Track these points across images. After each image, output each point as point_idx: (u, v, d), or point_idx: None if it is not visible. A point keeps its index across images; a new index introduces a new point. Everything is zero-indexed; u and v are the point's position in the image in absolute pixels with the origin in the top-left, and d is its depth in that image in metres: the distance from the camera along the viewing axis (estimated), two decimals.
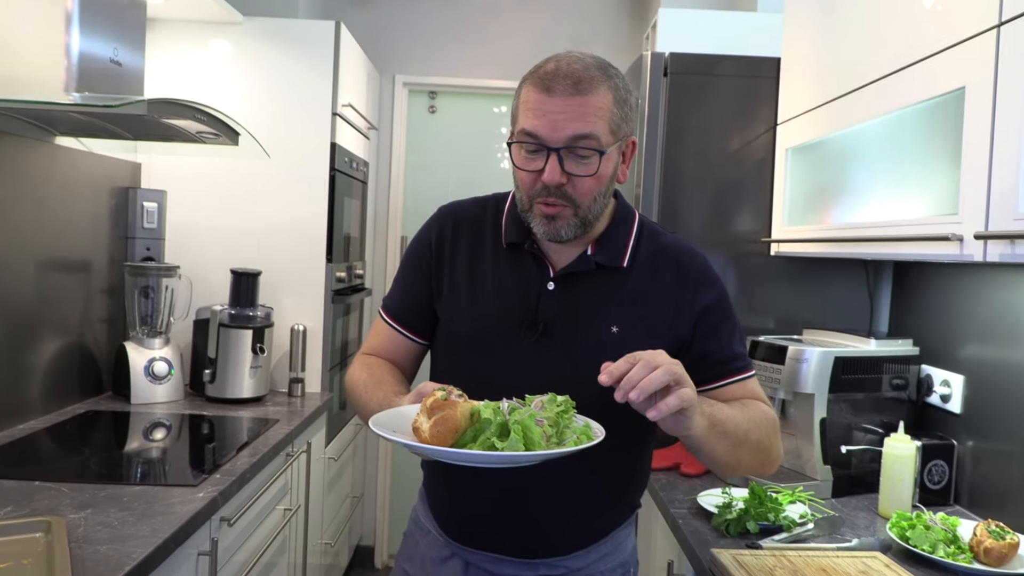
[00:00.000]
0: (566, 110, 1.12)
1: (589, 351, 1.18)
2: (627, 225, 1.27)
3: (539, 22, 3.65)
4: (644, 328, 1.22)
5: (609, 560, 1.32)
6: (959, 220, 1.34)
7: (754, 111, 2.30)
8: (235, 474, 1.78)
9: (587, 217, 1.18)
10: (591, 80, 1.13)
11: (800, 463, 1.96)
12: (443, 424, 0.96)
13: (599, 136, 1.14)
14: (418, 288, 1.32)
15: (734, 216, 2.33)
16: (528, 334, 1.22)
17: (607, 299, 1.23)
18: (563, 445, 0.97)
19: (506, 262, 1.26)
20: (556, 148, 1.13)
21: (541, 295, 1.23)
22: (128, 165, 2.63)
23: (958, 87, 1.36)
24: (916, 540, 1.51)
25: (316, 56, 2.75)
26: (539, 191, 1.16)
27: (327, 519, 2.79)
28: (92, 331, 2.43)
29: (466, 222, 1.31)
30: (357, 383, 1.29)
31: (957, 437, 1.85)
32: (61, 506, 1.51)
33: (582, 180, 1.15)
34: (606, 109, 1.14)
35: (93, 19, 1.86)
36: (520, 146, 1.16)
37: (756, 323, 2.32)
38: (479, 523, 1.28)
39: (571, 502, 1.24)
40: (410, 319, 1.34)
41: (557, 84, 1.12)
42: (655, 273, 1.25)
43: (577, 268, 1.23)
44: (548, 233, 1.18)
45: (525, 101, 1.16)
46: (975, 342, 1.85)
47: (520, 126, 1.16)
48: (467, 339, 1.26)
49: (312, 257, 2.79)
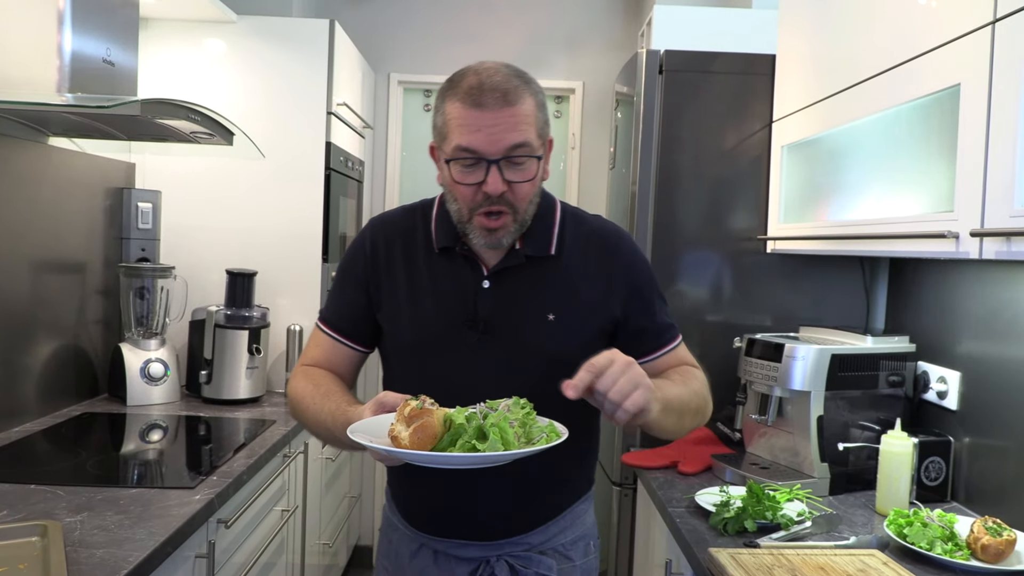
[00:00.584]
0: (499, 122, 1.17)
1: (530, 341, 1.26)
2: (550, 215, 1.33)
3: (533, 19, 3.64)
4: (579, 312, 1.29)
5: (569, 533, 1.39)
6: (955, 217, 1.34)
7: (749, 108, 2.30)
8: (232, 476, 1.77)
9: (524, 220, 1.25)
10: (516, 90, 1.19)
11: (797, 461, 1.97)
12: (423, 431, 1.02)
13: (532, 143, 1.20)
14: (356, 299, 1.36)
15: (730, 214, 2.33)
16: (470, 333, 1.27)
17: (540, 289, 1.29)
18: (533, 443, 1.06)
19: (440, 266, 1.31)
20: (495, 160, 1.18)
21: (478, 294, 1.29)
22: (122, 165, 2.62)
23: (953, 84, 1.36)
24: (914, 537, 1.51)
25: (310, 55, 2.74)
26: (480, 202, 1.21)
27: (325, 519, 2.78)
28: (87, 333, 2.42)
29: (397, 232, 1.36)
30: (304, 395, 1.31)
31: (954, 434, 1.86)
32: (57, 509, 1.50)
33: (520, 186, 1.21)
34: (532, 115, 1.21)
35: (85, 19, 1.85)
36: (457, 163, 1.20)
37: (752, 321, 2.32)
38: (442, 513, 1.35)
39: (527, 486, 1.30)
40: (349, 328, 1.38)
41: (486, 98, 1.17)
42: (584, 257, 1.32)
43: (508, 263, 1.29)
44: (489, 243, 1.24)
45: (454, 118, 1.19)
46: (971, 338, 1.85)
47: (455, 143, 1.19)
48: (413, 344, 1.31)
49: (308, 257, 2.78)
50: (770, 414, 2.00)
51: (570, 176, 3.71)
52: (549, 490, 1.36)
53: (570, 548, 1.39)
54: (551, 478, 1.34)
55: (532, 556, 1.35)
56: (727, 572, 1.36)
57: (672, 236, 2.32)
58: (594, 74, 3.65)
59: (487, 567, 1.34)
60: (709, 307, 2.33)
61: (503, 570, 1.33)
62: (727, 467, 1.99)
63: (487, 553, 1.34)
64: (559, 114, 3.78)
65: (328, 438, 1.29)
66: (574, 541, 1.40)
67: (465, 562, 1.35)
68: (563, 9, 3.64)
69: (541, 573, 1.34)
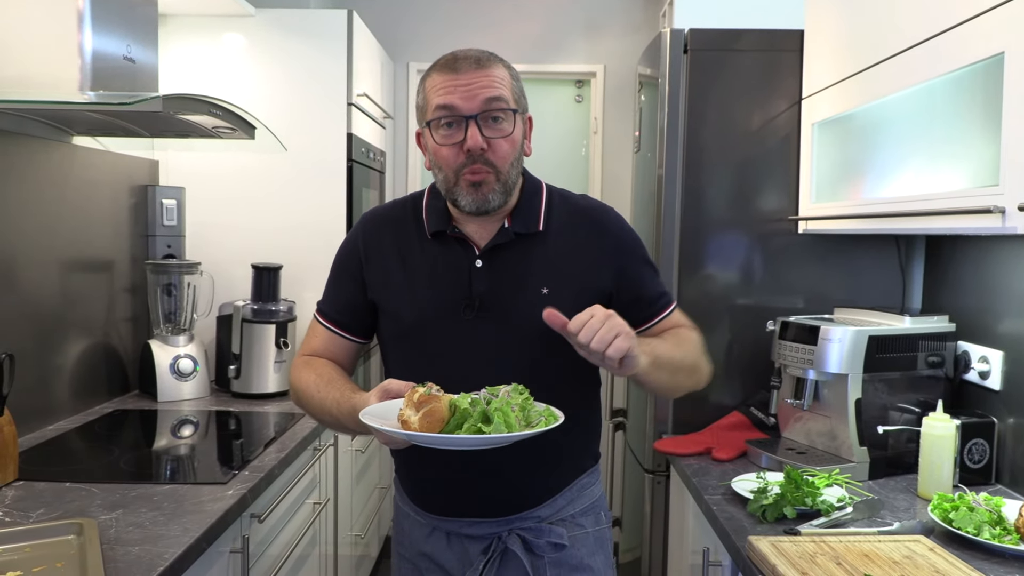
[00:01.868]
0: (474, 81, 1.24)
1: (525, 315, 1.28)
2: (536, 195, 1.38)
3: (552, 4, 3.59)
4: (571, 285, 1.32)
5: (577, 504, 1.42)
6: (1001, 192, 1.29)
7: (777, 86, 2.24)
8: (264, 470, 1.77)
9: (507, 182, 1.29)
10: (488, 59, 1.28)
11: (835, 445, 1.93)
12: (431, 415, 1.09)
13: (507, 99, 1.27)
14: (351, 292, 1.41)
15: (759, 195, 2.28)
16: (467, 312, 1.31)
17: (532, 264, 1.33)
18: (532, 426, 1.14)
19: (433, 250, 1.36)
20: (473, 115, 1.24)
21: (472, 273, 1.32)
22: (146, 163, 2.63)
23: (996, 53, 1.30)
24: (960, 522, 1.47)
25: (329, 46, 2.72)
26: (463, 163, 1.26)
27: (356, 511, 2.79)
28: (117, 330, 2.43)
29: (388, 224, 1.41)
30: (308, 384, 1.36)
31: (997, 414, 1.80)
32: (92, 507, 1.51)
33: (500, 144, 1.26)
34: (507, 80, 1.28)
35: (105, 17, 1.84)
36: (438, 124, 1.26)
37: (785, 303, 2.27)
38: (451, 494, 1.38)
39: (531, 462, 1.33)
40: (345, 320, 1.43)
41: (460, 64, 1.26)
42: (572, 232, 1.36)
43: (499, 241, 1.33)
44: (477, 202, 1.27)
45: (433, 86, 1.27)
46: (1015, 316, 1.79)
47: (434, 105, 1.26)
48: (411, 327, 1.35)
49: (332, 249, 2.67)
50: (806, 398, 1.96)
51: (593, 161, 3.67)
52: (553, 465, 1.38)
53: (579, 517, 1.42)
54: (554, 453, 1.36)
55: (543, 527, 1.38)
56: (768, 560, 1.33)
57: (700, 219, 2.28)
58: (615, 57, 3.60)
59: (499, 543, 1.37)
60: (740, 290, 2.29)
61: (515, 543, 1.36)
62: (763, 452, 1.95)
63: (498, 529, 1.37)
64: (580, 98, 3.73)
65: (333, 424, 1.35)
66: (583, 512, 1.43)
67: (477, 540, 1.38)
68: None
69: (552, 542, 1.37)
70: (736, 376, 2.26)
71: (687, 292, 2.26)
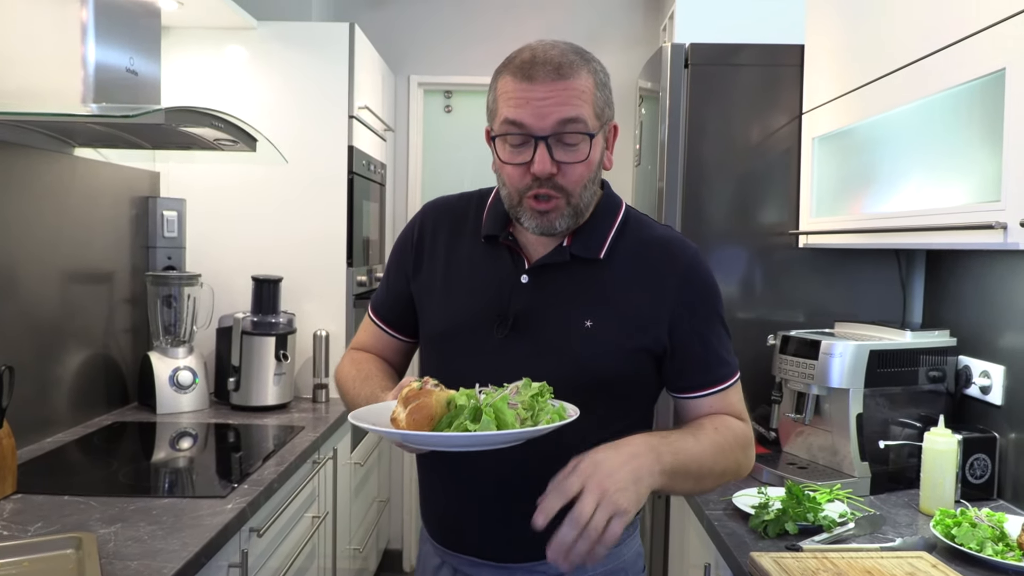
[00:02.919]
0: (550, 96, 1.08)
1: (560, 345, 1.16)
2: (611, 216, 1.23)
3: (553, 17, 3.61)
4: (619, 323, 1.17)
5: (598, 567, 1.21)
6: (1002, 207, 1.30)
7: (778, 100, 2.25)
8: (263, 484, 1.76)
9: (579, 206, 1.15)
10: (571, 64, 1.10)
11: (837, 460, 1.92)
12: (418, 412, 0.98)
13: (586, 120, 1.10)
14: (401, 288, 1.32)
15: (760, 208, 2.28)
16: (499, 329, 1.18)
17: (581, 292, 1.18)
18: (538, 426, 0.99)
19: (481, 256, 1.24)
20: (544, 136, 1.09)
21: (513, 288, 1.20)
22: (147, 174, 2.63)
23: (998, 68, 1.31)
24: (963, 538, 1.46)
25: (331, 59, 2.73)
26: (529, 184, 1.12)
27: (355, 524, 2.78)
28: (116, 342, 2.43)
29: (448, 217, 1.30)
30: (346, 378, 1.30)
31: (999, 429, 1.80)
32: (91, 520, 1.50)
33: (572, 168, 1.11)
34: (589, 92, 1.11)
35: (108, 29, 1.85)
36: (504, 140, 1.12)
37: (785, 317, 2.27)
38: (455, 526, 1.26)
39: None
40: (393, 318, 1.35)
41: (537, 71, 1.09)
42: (637, 266, 1.19)
43: (551, 260, 1.19)
44: (542, 227, 1.15)
45: (504, 92, 1.12)
46: (1016, 331, 1.79)
47: (503, 117, 1.11)
48: (441, 334, 1.25)
49: (332, 261, 2.77)
50: (807, 413, 1.96)
51: None
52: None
53: None
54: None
55: None
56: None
57: (701, 233, 2.28)
58: (615, 70, 3.57)
59: None
60: (740, 304, 2.29)
61: None
62: (764, 467, 1.94)
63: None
64: None
65: None
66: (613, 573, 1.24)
67: None
68: (582, 6, 3.61)
69: None
70: None
71: None
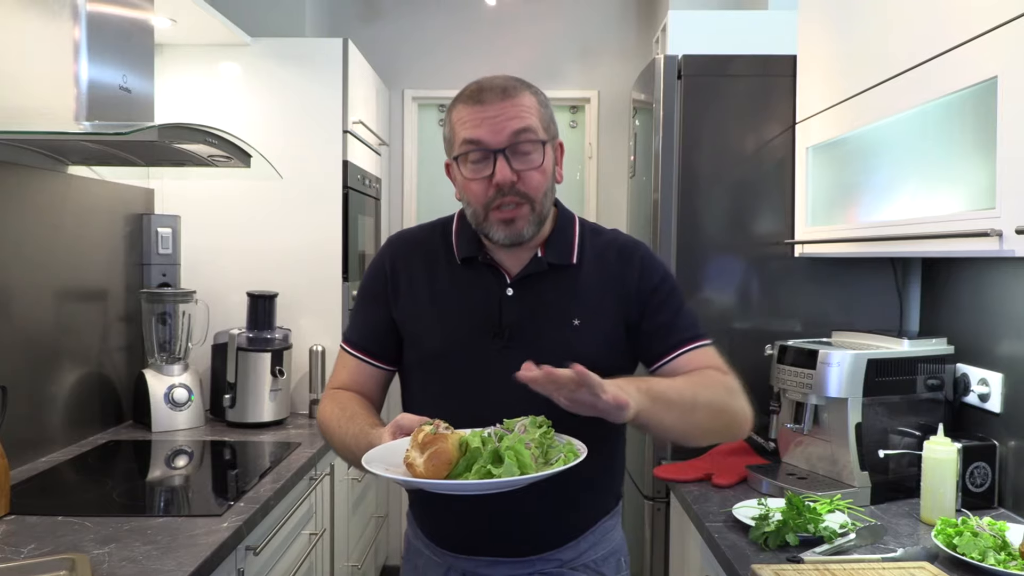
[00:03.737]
0: (501, 112, 1.21)
1: (556, 347, 1.24)
2: (570, 226, 1.36)
3: (546, 30, 3.62)
4: (603, 317, 1.30)
5: (599, 549, 1.37)
6: (997, 215, 1.29)
7: (771, 110, 2.26)
8: (259, 501, 1.75)
9: (541, 212, 1.26)
10: (514, 87, 1.24)
11: (836, 470, 1.91)
12: (437, 458, 1.02)
13: (536, 129, 1.23)
14: (379, 317, 1.36)
15: (755, 219, 2.28)
16: (495, 340, 1.27)
17: (564, 295, 1.30)
18: (551, 463, 1.06)
19: (463, 277, 1.32)
20: (501, 149, 1.21)
21: (502, 301, 1.29)
22: (141, 191, 2.62)
23: (990, 77, 1.31)
24: (964, 548, 1.45)
25: (325, 74, 2.74)
26: (493, 197, 1.23)
27: (353, 541, 2.75)
28: (111, 359, 2.41)
29: (417, 247, 1.38)
30: (331, 418, 1.30)
31: (998, 437, 1.79)
32: (85, 541, 1.48)
33: (531, 175, 1.23)
34: (534, 108, 1.24)
35: (101, 47, 1.85)
36: (465, 159, 1.24)
37: (782, 327, 2.26)
38: (470, 532, 1.32)
39: (556, 498, 1.28)
40: (374, 347, 1.38)
41: (486, 95, 1.22)
42: (604, 266, 1.33)
43: (532, 271, 1.30)
44: (510, 236, 1.25)
45: (459, 119, 1.24)
46: (1014, 338, 1.79)
47: (461, 138, 1.23)
48: (438, 355, 1.31)
49: (328, 277, 2.76)
50: (806, 422, 1.95)
51: (588, 186, 3.68)
52: (577, 503, 1.33)
53: (601, 564, 1.37)
54: (579, 490, 1.32)
55: (565, 572, 1.32)
56: None
57: (697, 243, 2.28)
58: (609, 82, 3.63)
59: None
60: (737, 314, 2.28)
61: None
62: (763, 478, 1.93)
63: (518, 572, 1.32)
64: (575, 124, 3.75)
65: (354, 461, 1.26)
66: (605, 557, 1.38)
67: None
68: (575, 19, 3.62)
69: None
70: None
71: None
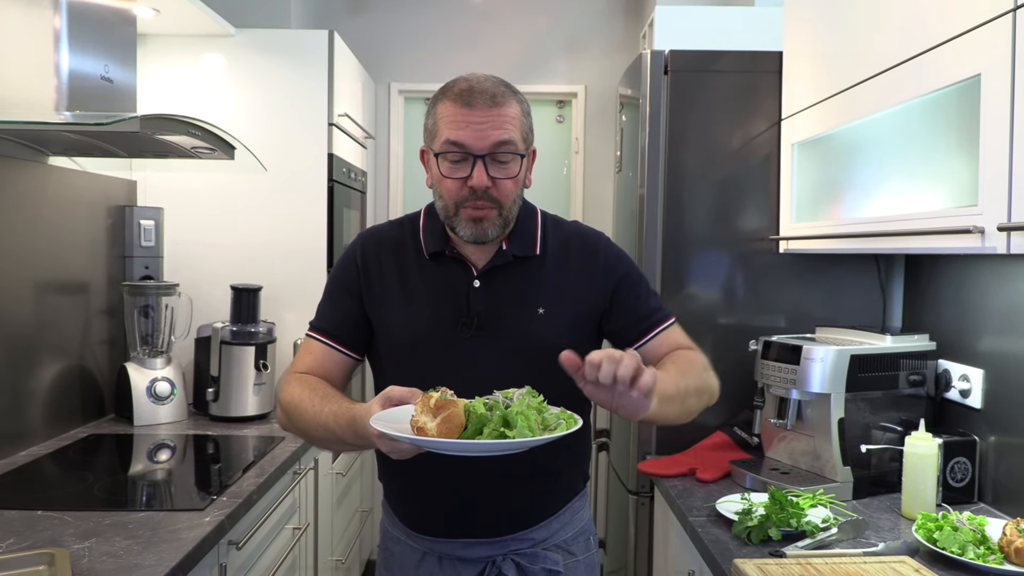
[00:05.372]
0: (487, 120, 1.25)
1: (522, 335, 1.32)
2: (532, 219, 1.41)
3: (533, 23, 3.61)
4: (567, 305, 1.36)
5: (570, 529, 1.44)
6: (979, 212, 1.30)
7: (757, 107, 2.26)
8: (242, 496, 1.74)
9: (508, 217, 1.32)
10: (503, 95, 1.28)
11: (819, 465, 1.92)
12: (450, 421, 1.05)
13: (516, 142, 1.28)
14: (348, 306, 1.39)
15: (740, 214, 2.29)
16: (464, 330, 1.33)
17: (529, 286, 1.36)
18: (551, 430, 1.10)
19: (431, 270, 1.37)
20: (481, 155, 1.25)
21: (470, 293, 1.34)
22: (123, 183, 2.60)
23: (973, 74, 1.32)
24: (944, 542, 1.46)
25: (310, 66, 2.72)
26: (465, 197, 1.27)
27: (337, 535, 2.74)
28: (92, 353, 2.39)
29: (387, 243, 1.41)
30: (301, 398, 1.30)
31: (979, 433, 1.81)
32: (64, 536, 1.47)
33: (505, 183, 1.28)
34: (518, 119, 1.29)
35: (82, 37, 1.83)
36: (445, 157, 1.27)
37: (766, 322, 2.27)
38: (446, 514, 1.37)
39: (529, 478, 1.34)
40: (342, 335, 1.40)
41: (475, 99, 1.26)
42: (567, 256, 1.39)
43: (497, 263, 1.35)
44: (475, 235, 1.30)
45: (444, 116, 1.27)
46: (994, 335, 1.80)
47: (444, 138, 1.26)
48: (409, 345, 1.35)
49: (313, 270, 2.75)
50: (789, 418, 1.96)
51: (575, 181, 3.68)
52: (550, 483, 1.40)
53: (572, 544, 1.43)
54: (551, 471, 1.38)
55: (538, 552, 1.38)
56: None
57: (682, 238, 2.28)
58: (596, 77, 3.62)
59: (493, 567, 1.36)
60: (722, 310, 2.29)
61: (510, 568, 1.36)
62: (747, 473, 1.94)
63: (493, 552, 1.37)
64: (562, 119, 3.75)
65: (328, 439, 1.27)
66: (575, 536, 1.44)
67: (471, 564, 1.37)
68: (562, 13, 3.62)
69: (548, 568, 1.37)
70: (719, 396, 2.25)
71: None
